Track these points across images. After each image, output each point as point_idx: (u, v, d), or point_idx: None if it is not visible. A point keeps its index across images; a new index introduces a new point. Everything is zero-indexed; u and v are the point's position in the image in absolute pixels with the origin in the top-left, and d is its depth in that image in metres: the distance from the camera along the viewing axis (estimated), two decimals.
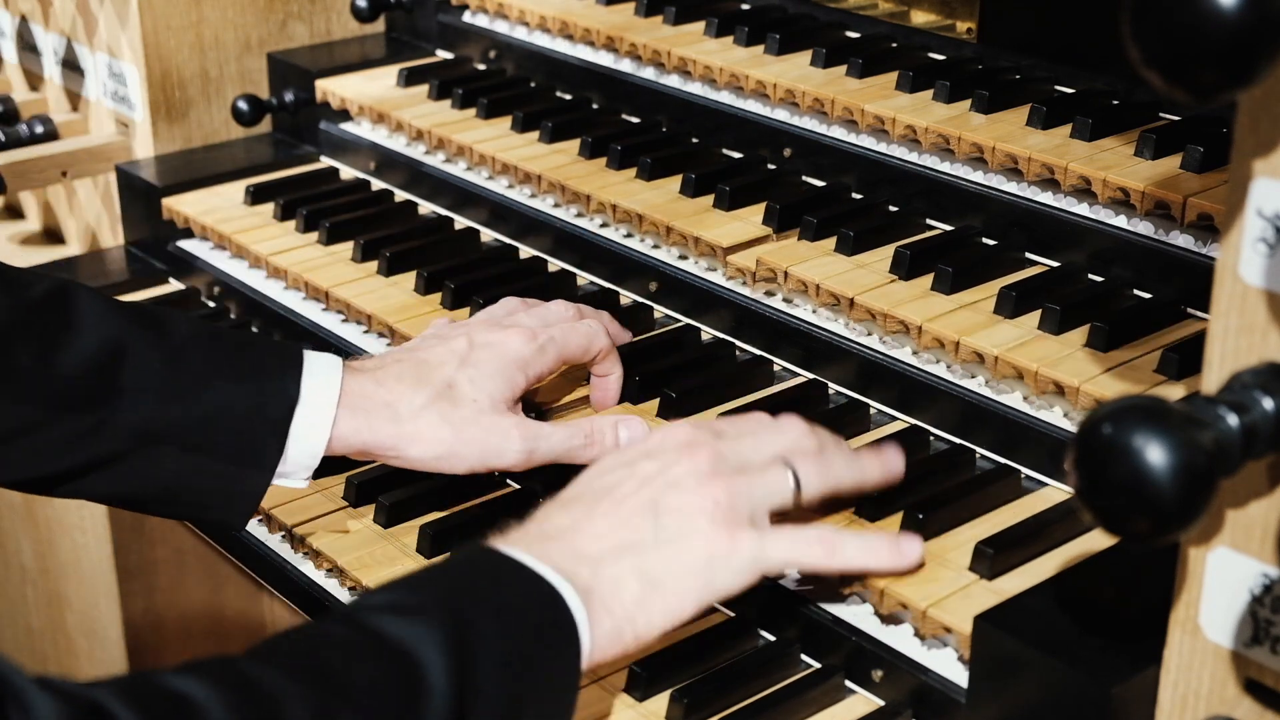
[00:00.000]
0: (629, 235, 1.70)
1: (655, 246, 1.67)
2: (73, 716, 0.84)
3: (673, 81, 1.88)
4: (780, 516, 1.21)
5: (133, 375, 1.29)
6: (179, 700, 0.90)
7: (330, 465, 1.37)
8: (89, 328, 1.29)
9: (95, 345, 1.28)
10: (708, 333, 1.60)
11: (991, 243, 1.56)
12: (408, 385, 1.35)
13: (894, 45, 1.82)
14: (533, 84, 2.03)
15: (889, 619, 1.22)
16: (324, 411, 1.31)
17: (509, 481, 1.48)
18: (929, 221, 1.62)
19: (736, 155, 1.79)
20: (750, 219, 1.63)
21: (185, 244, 1.96)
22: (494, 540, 1.12)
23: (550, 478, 1.44)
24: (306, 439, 1.31)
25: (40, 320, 1.29)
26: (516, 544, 1.12)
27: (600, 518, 1.15)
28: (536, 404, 1.49)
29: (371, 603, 1.05)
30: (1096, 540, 1.24)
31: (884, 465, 1.28)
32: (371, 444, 1.34)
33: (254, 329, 1.81)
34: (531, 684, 1.05)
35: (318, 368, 1.33)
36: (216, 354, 1.32)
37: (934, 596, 1.18)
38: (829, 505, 1.29)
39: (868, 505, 1.28)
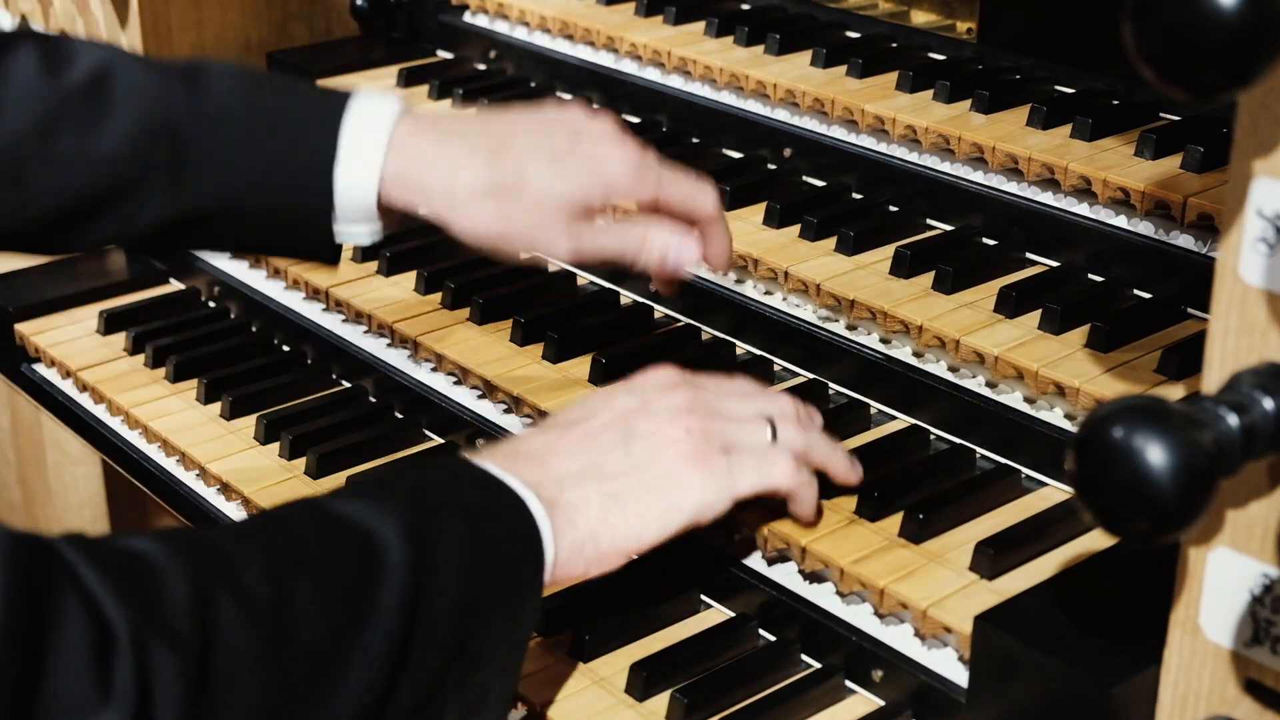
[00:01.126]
0: None
1: None
2: (23, 553, 0.85)
3: (673, 81, 1.88)
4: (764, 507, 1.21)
5: (175, 154, 1.29)
6: (133, 555, 0.92)
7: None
8: (130, 108, 1.29)
9: (136, 127, 1.29)
10: (708, 333, 1.60)
11: (992, 243, 1.56)
12: (477, 162, 1.30)
13: (894, 45, 1.82)
14: (533, 84, 2.03)
15: (889, 619, 1.22)
16: (368, 169, 1.29)
17: None
18: (929, 221, 1.62)
19: (737, 155, 1.79)
20: (750, 219, 1.63)
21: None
22: (467, 456, 1.15)
23: None
24: (353, 194, 1.29)
25: (80, 106, 1.29)
26: (488, 459, 1.13)
27: (573, 442, 1.17)
28: None
29: (337, 493, 1.07)
30: (1096, 540, 1.24)
31: (851, 465, 1.30)
32: (423, 209, 1.31)
33: (253, 329, 1.81)
34: (492, 584, 1.06)
35: (363, 120, 1.30)
36: (255, 121, 1.31)
37: (934, 596, 1.18)
38: (824, 505, 1.29)
39: (867, 505, 1.28)
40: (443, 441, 1.56)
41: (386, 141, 1.29)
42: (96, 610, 0.87)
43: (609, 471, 1.16)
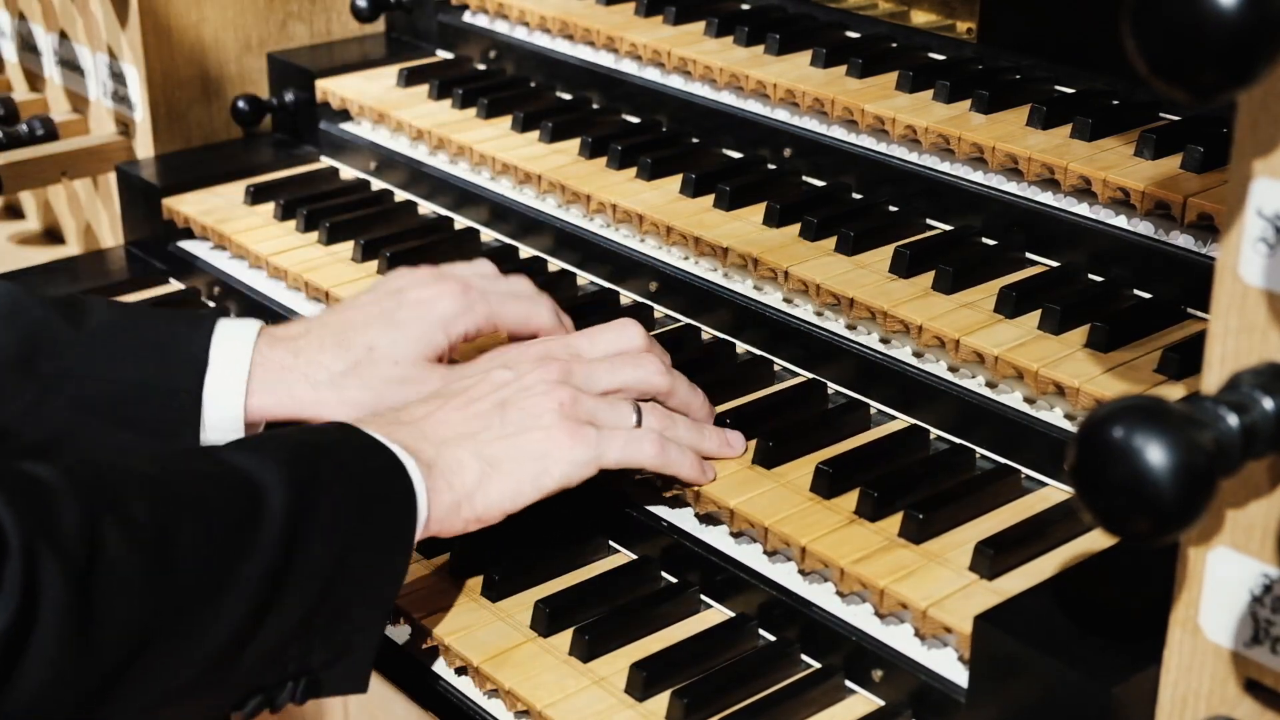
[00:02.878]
0: (629, 235, 1.70)
1: (656, 246, 1.67)
2: None
3: (673, 81, 1.88)
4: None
5: (51, 363, 1.34)
6: (31, 477, 0.99)
7: None
8: (3, 317, 1.34)
9: (13, 336, 1.33)
10: (708, 332, 1.60)
11: (991, 243, 1.56)
12: (328, 353, 1.40)
13: (894, 45, 1.82)
14: (533, 84, 2.03)
15: (889, 619, 1.22)
16: (235, 377, 1.36)
17: None
18: (929, 221, 1.62)
19: (737, 155, 1.79)
20: (750, 219, 1.63)
21: (185, 244, 1.96)
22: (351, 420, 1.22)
23: None
24: (221, 404, 1.36)
25: None
26: (369, 425, 1.21)
27: (451, 410, 1.26)
28: None
29: (227, 446, 1.14)
30: (1096, 540, 1.24)
31: (724, 440, 1.37)
32: (293, 411, 1.39)
33: None
34: (365, 538, 1.14)
35: (229, 333, 1.38)
36: (131, 332, 1.37)
37: (934, 596, 1.18)
38: (824, 505, 1.29)
39: (867, 505, 1.28)
40: None
41: (250, 355, 1.37)
42: None
43: (485, 438, 1.25)
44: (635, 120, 1.90)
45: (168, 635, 1.02)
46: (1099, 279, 1.47)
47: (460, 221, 1.88)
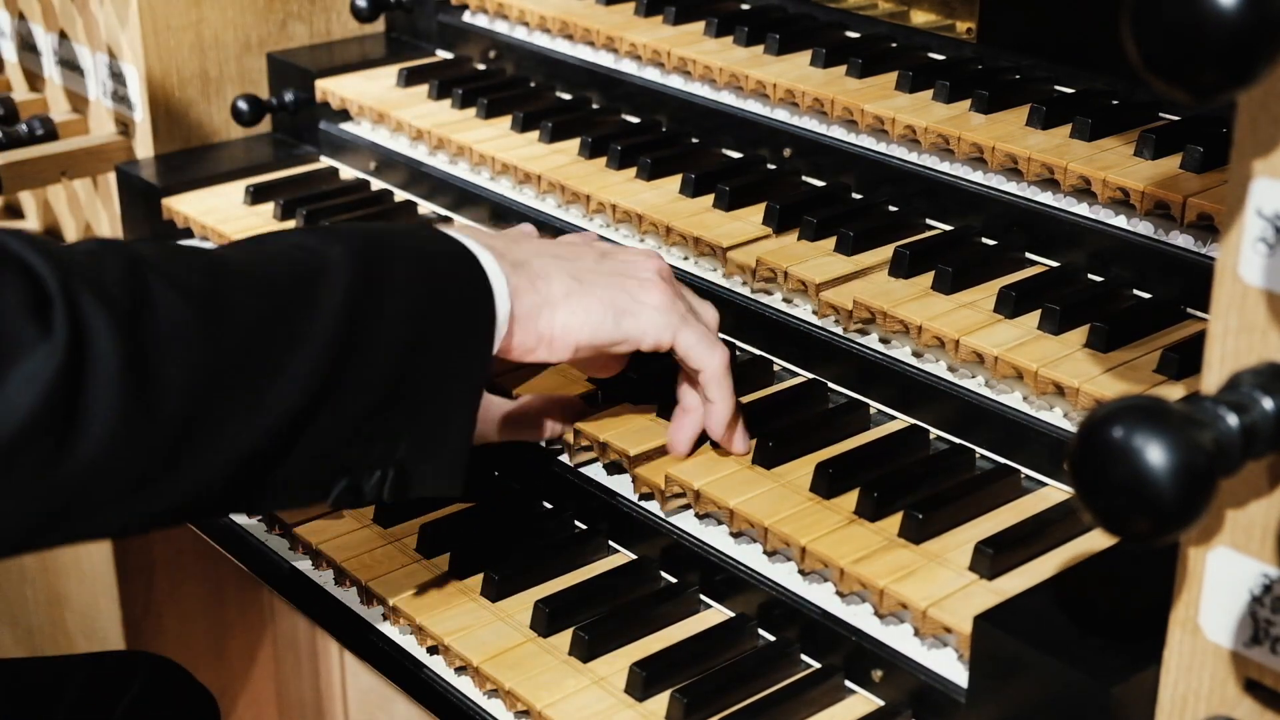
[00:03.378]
0: (629, 235, 1.70)
1: (655, 246, 1.67)
2: None
3: (672, 81, 1.88)
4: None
5: None
6: (69, 246, 0.98)
7: None
8: None
9: None
10: None
11: (991, 243, 1.56)
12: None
13: (894, 45, 1.82)
14: (533, 84, 2.03)
15: (889, 618, 1.22)
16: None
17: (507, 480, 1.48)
18: (929, 221, 1.62)
19: (736, 155, 1.79)
20: (750, 219, 1.63)
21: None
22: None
23: (551, 478, 1.45)
24: None
25: None
26: (452, 232, 1.18)
27: (548, 245, 1.25)
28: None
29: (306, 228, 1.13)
30: (1096, 540, 1.24)
31: (745, 433, 1.38)
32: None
33: None
34: (442, 316, 1.10)
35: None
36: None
37: (934, 596, 1.18)
38: (824, 505, 1.30)
39: (867, 505, 1.28)
40: None
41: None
42: (28, 269, 0.92)
43: (579, 266, 1.23)
44: (635, 120, 1.90)
45: (234, 390, 0.98)
46: (1099, 279, 1.47)
47: (460, 221, 1.88)
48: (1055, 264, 1.51)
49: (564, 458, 1.45)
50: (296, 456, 1.04)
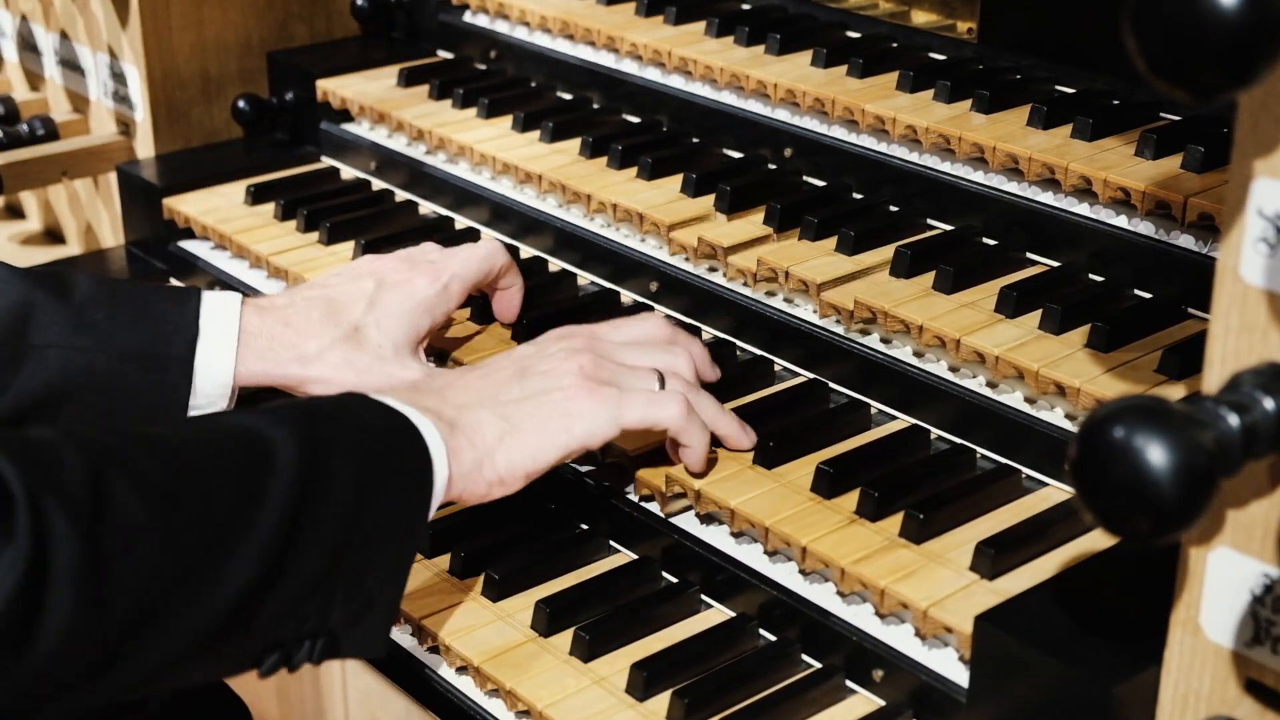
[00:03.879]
0: (629, 235, 1.70)
1: (656, 246, 1.67)
2: None
3: (673, 81, 1.88)
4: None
5: (40, 333, 1.35)
6: (29, 436, 0.98)
7: None
8: None
9: (1, 309, 1.34)
10: (708, 332, 1.60)
11: (992, 242, 1.56)
12: (316, 326, 1.43)
13: (894, 45, 1.82)
14: (533, 84, 2.03)
15: (889, 618, 1.22)
16: (226, 344, 1.39)
17: None
18: (930, 221, 1.62)
19: (737, 155, 1.79)
20: (751, 219, 1.63)
21: (186, 244, 1.96)
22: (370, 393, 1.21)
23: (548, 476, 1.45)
24: (211, 372, 1.38)
25: None
26: (387, 395, 1.20)
27: (472, 379, 1.27)
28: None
29: (231, 412, 1.15)
30: (1097, 540, 1.24)
31: (742, 431, 1.37)
32: (279, 380, 1.42)
33: None
34: (381, 489, 1.12)
35: (216, 305, 1.40)
36: (119, 305, 1.38)
37: (935, 596, 1.18)
38: (825, 505, 1.30)
39: (868, 505, 1.28)
40: None
41: (238, 325, 1.40)
42: None
43: (505, 399, 1.25)
44: (636, 120, 1.90)
45: (183, 585, 1.00)
46: (1099, 279, 1.47)
47: (461, 222, 1.88)
48: (1056, 264, 1.51)
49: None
50: (236, 640, 1.07)
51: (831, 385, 1.49)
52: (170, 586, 0.99)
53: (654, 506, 1.37)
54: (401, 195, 1.96)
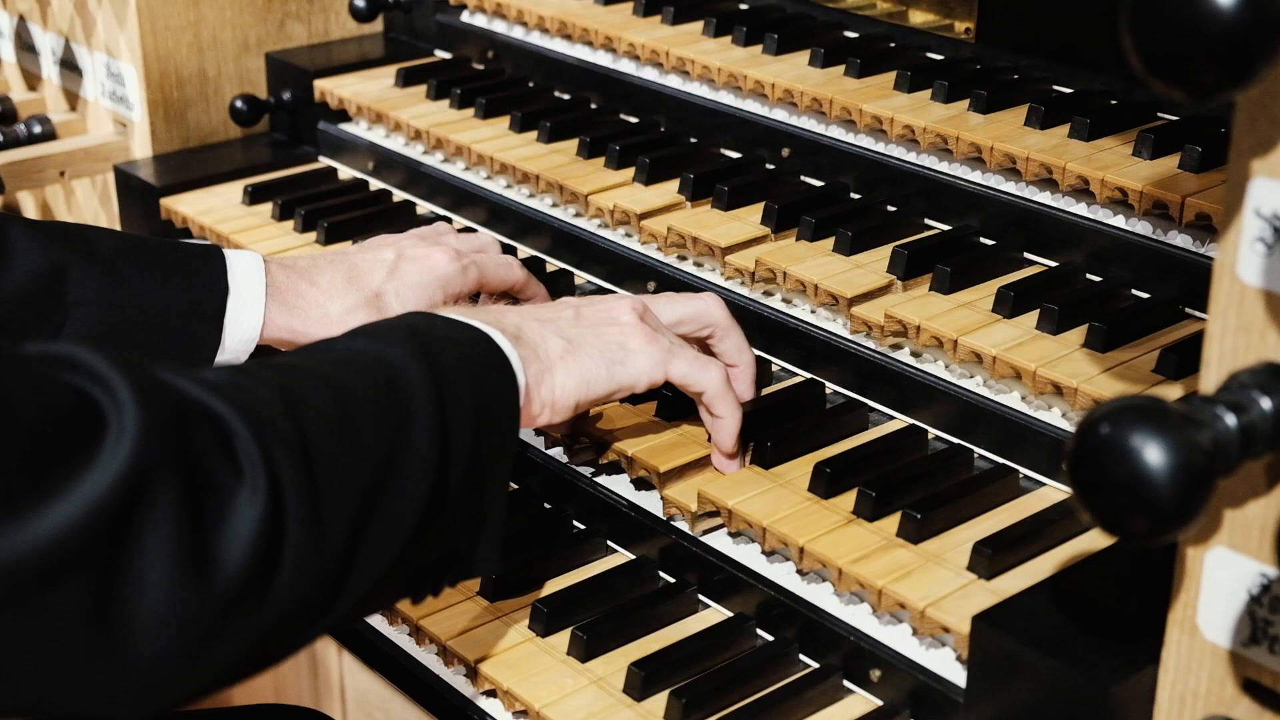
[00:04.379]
0: (627, 235, 1.70)
1: (654, 247, 1.67)
2: (147, 384, 0.89)
3: (671, 81, 1.88)
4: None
5: (75, 290, 1.36)
6: (237, 384, 0.97)
7: None
8: (24, 253, 1.35)
9: (33, 268, 1.35)
10: None
11: (990, 242, 1.56)
12: (340, 288, 1.44)
13: (892, 45, 1.82)
14: (531, 84, 2.03)
15: (887, 618, 1.22)
16: (255, 301, 1.41)
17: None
18: (927, 221, 1.62)
19: (735, 155, 1.79)
20: (749, 219, 1.63)
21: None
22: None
23: (547, 475, 1.45)
24: (240, 327, 1.41)
25: None
26: (443, 312, 1.21)
27: (526, 310, 1.28)
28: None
29: (338, 339, 1.14)
30: (1095, 540, 1.24)
31: (738, 439, 1.38)
32: (302, 334, 1.43)
33: None
34: (486, 406, 1.13)
35: (242, 263, 1.42)
36: (146, 261, 1.40)
37: (932, 596, 1.18)
38: (822, 505, 1.30)
39: (866, 505, 1.28)
40: None
41: (265, 281, 1.42)
42: (212, 412, 0.93)
43: (563, 326, 1.26)
44: (633, 120, 1.90)
45: (377, 500, 1.01)
46: (1097, 279, 1.47)
47: (459, 221, 1.88)
48: (1053, 264, 1.51)
49: (563, 457, 1.45)
50: (418, 554, 1.07)
51: (830, 385, 1.48)
52: (368, 505, 1.00)
53: (655, 506, 1.37)
54: (399, 195, 1.96)
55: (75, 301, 1.36)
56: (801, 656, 1.25)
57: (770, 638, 1.27)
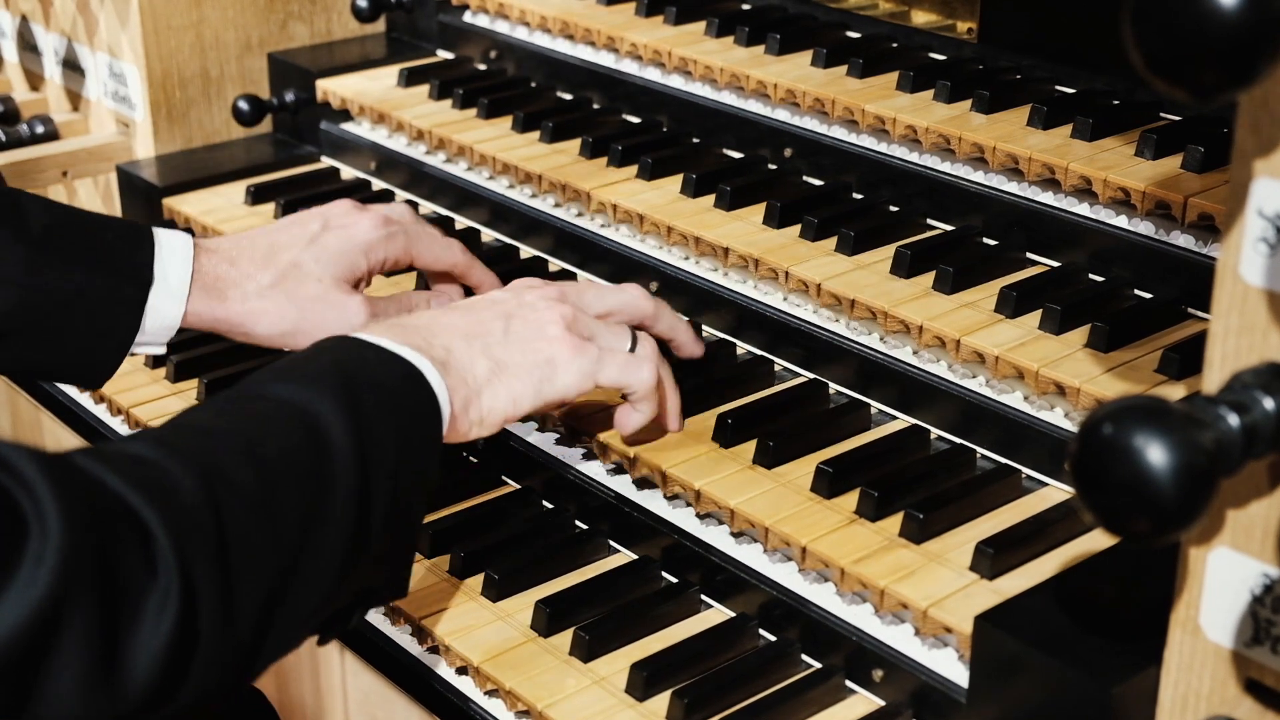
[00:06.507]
0: (630, 235, 1.70)
1: (656, 246, 1.67)
2: (66, 473, 0.90)
3: (673, 81, 1.88)
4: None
5: (0, 267, 1.35)
6: (136, 457, 0.98)
7: None
8: None
9: None
10: (708, 332, 1.60)
11: (992, 243, 1.56)
12: (258, 266, 1.45)
13: (894, 45, 1.82)
14: (533, 84, 2.03)
15: (889, 619, 1.22)
16: (178, 289, 1.41)
17: (507, 480, 1.48)
18: (930, 221, 1.62)
19: (737, 155, 1.79)
20: (751, 219, 1.63)
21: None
22: (356, 332, 1.22)
23: (549, 476, 1.45)
24: (161, 315, 1.41)
25: None
26: (376, 332, 1.22)
27: (457, 318, 1.28)
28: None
29: (263, 376, 1.13)
30: (1097, 540, 1.24)
31: (680, 415, 1.42)
32: (223, 320, 1.44)
33: None
34: (408, 447, 1.14)
35: (170, 247, 1.42)
36: (75, 241, 1.39)
37: (934, 596, 1.18)
38: (824, 505, 1.30)
39: (868, 505, 1.28)
40: None
41: (191, 269, 1.42)
42: (130, 510, 0.93)
43: (491, 342, 1.27)
44: (636, 120, 1.90)
45: (295, 583, 1.02)
46: (1099, 279, 1.47)
47: (461, 222, 1.88)
48: (1056, 264, 1.51)
49: (564, 457, 1.45)
50: (324, 611, 1.09)
51: (831, 385, 1.48)
52: (283, 586, 1.01)
53: (656, 505, 1.37)
54: (401, 195, 1.96)
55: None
56: (804, 657, 1.25)
57: (772, 638, 1.27)
